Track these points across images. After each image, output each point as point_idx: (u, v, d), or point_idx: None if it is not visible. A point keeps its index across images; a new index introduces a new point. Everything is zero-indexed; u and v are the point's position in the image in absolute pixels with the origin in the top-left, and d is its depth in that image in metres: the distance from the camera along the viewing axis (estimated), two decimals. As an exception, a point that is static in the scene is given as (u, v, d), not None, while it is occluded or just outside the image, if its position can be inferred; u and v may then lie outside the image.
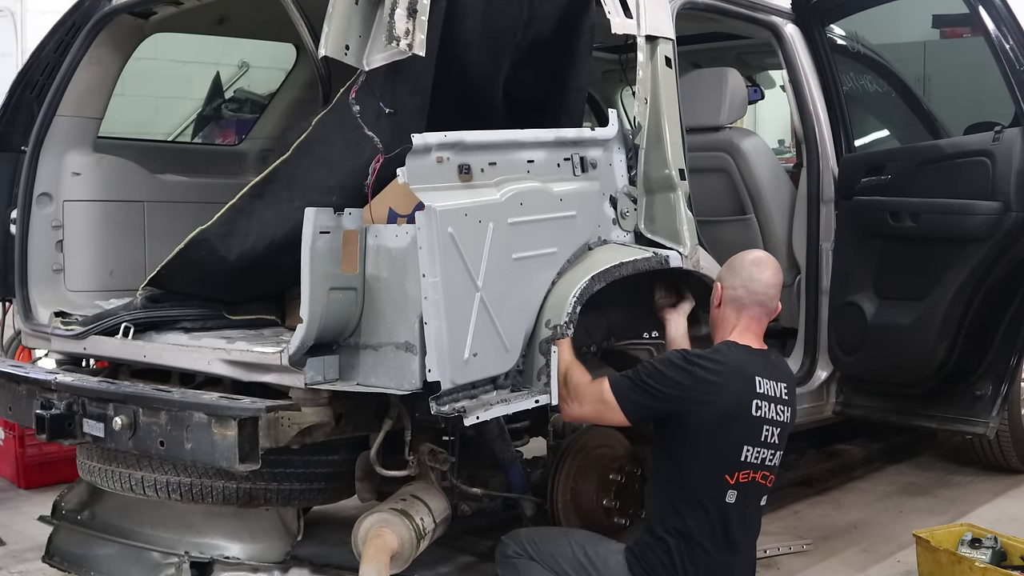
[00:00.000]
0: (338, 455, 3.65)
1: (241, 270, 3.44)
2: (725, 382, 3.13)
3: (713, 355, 3.21)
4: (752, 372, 3.19)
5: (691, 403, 3.10)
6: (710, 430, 3.09)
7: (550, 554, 3.24)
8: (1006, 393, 4.59)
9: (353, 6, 3.18)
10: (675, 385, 3.11)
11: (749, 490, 3.17)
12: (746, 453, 3.14)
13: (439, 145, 3.10)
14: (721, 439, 3.11)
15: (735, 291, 3.30)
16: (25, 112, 4.29)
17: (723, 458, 3.12)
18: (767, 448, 3.19)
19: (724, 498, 3.13)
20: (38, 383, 3.70)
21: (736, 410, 3.12)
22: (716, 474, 3.12)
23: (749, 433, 3.15)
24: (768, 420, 3.18)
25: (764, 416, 3.17)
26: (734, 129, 5.30)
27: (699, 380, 3.11)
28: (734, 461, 3.13)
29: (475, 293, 3.06)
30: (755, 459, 3.16)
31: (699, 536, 3.11)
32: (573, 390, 3.20)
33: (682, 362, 3.15)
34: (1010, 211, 4.18)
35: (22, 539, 4.72)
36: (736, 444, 3.13)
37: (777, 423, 3.21)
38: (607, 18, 3.76)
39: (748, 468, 3.15)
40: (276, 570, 3.67)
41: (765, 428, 3.18)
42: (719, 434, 3.11)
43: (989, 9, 4.39)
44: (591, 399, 3.17)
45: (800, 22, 4.87)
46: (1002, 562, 3.87)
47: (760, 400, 3.17)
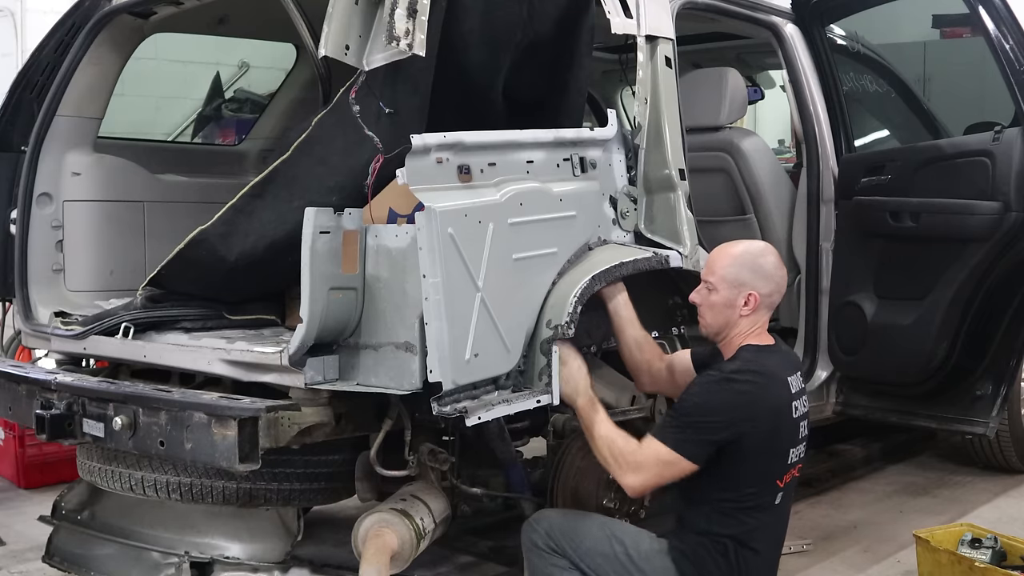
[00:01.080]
0: (338, 455, 3.65)
1: (241, 270, 3.44)
2: (769, 394, 3.09)
3: (748, 367, 3.12)
4: (784, 375, 3.16)
5: (744, 423, 3.03)
6: (764, 444, 3.06)
7: (589, 552, 3.16)
8: (1006, 393, 4.59)
9: (353, 6, 3.18)
10: (726, 411, 3.03)
11: (790, 488, 3.19)
12: (792, 456, 3.15)
13: (438, 146, 3.10)
14: (775, 449, 3.10)
15: (771, 298, 3.24)
16: (25, 112, 4.29)
17: (775, 466, 3.11)
18: (802, 444, 3.20)
19: (775, 501, 3.13)
20: (38, 383, 3.70)
21: (781, 419, 3.10)
22: (770, 482, 3.11)
23: (792, 436, 3.15)
24: (801, 416, 3.17)
25: (799, 414, 3.16)
26: (734, 129, 5.30)
27: (747, 399, 3.05)
28: (783, 466, 3.13)
29: (476, 294, 3.06)
30: (796, 458, 3.17)
31: (755, 539, 3.09)
32: (626, 462, 3.07)
33: (723, 385, 3.07)
34: (1010, 211, 4.18)
35: (22, 539, 4.72)
36: (784, 450, 3.12)
37: (806, 415, 3.21)
38: (607, 18, 3.76)
39: (792, 468, 3.16)
40: (276, 570, 3.67)
41: (801, 425, 3.18)
42: (772, 445, 3.08)
43: (989, 9, 4.39)
44: (650, 464, 3.04)
45: (800, 22, 4.87)
46: (1002, 562, 3.87)
47: (794, 400, 3.15)
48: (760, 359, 3.15)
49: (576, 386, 3.20)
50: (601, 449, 3.12)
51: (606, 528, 3.24)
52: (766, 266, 3.23)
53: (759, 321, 3.23)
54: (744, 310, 3.20)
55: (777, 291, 3.24)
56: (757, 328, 3.23)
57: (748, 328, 3.22)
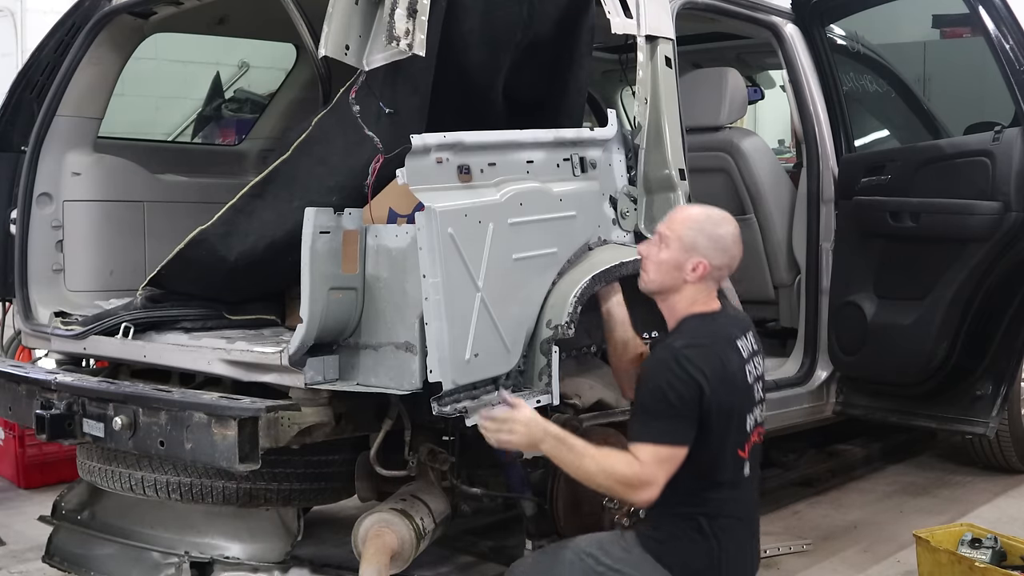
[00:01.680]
0: (338, 455, 3.65)
1: (241, 270, 3.44)
2: (721, 363, 2.96)
3: (696, 340, 3.00)
4: (733, 337, 3.03)
5: (704, 393, 2.92)
6: (722, 414, 2.95)
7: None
8: (1006, 393, 4.59)
9: (353, 6, 3.18)
10: (689, 386, 2.93)
11: (755, 456, 3.11)
12: (749, 422, 3.03)
13: (438, 146, 3.10)
14: (733, 418, 2.98)
15: (720, 271, 3.10)
16: (25, 112, 4.29)
17: (736, 437, 3.01)
18: (759, 407, 3.07)
19: (743, 473, 3.05)
20: (38, 383, 3.70)
21: (736, 387, 2.98)
22: (733, 454, 3.01)
23: (748, 401, 3.03)
24: (756, 378, 3.05)
25: (753, 377, 3.04)
26: (734, 129, 5.30)
27: (701, 371, 2.93)
28: (743, 435, 3.01)
29: (476, 294, 3.06)
30: (754, 422, 3.06)
31: (727, 510, 3.01)
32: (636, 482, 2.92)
33: (678, 363, 2.96)
34: (1010, 211, 4.18)
35: (22, 539, 4.72)
36: (742, 417, 3.00)
37: (759, 377, 3.08)
38: (607, 18, 3.76)
39: (752, 435, 3.05)
40: (276, 570, 3.67)
41: (756, 388, 3.06)
42: (730, 415, 2.97)
43: (989, 9, 4.39)
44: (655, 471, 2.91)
45: (800, 22, 4.87)
46: (1002, 562, 3.87)
47: (747, 364, 3.03)
48: (707, 328, 3.03)
49: (533, 434, 2.94)
50: (601, 481, 2.95)
51: (575, 551, 3.12)
52: (725, 238, 3.09)
53: (705, 291, 3.10)
54: (691, 276, 3.05)
55: (728, 266, 3.10)
56: (702, 297, 3.08)
57: (693, 296, 3.08)
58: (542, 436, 2.93)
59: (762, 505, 5.06)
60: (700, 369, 2.91)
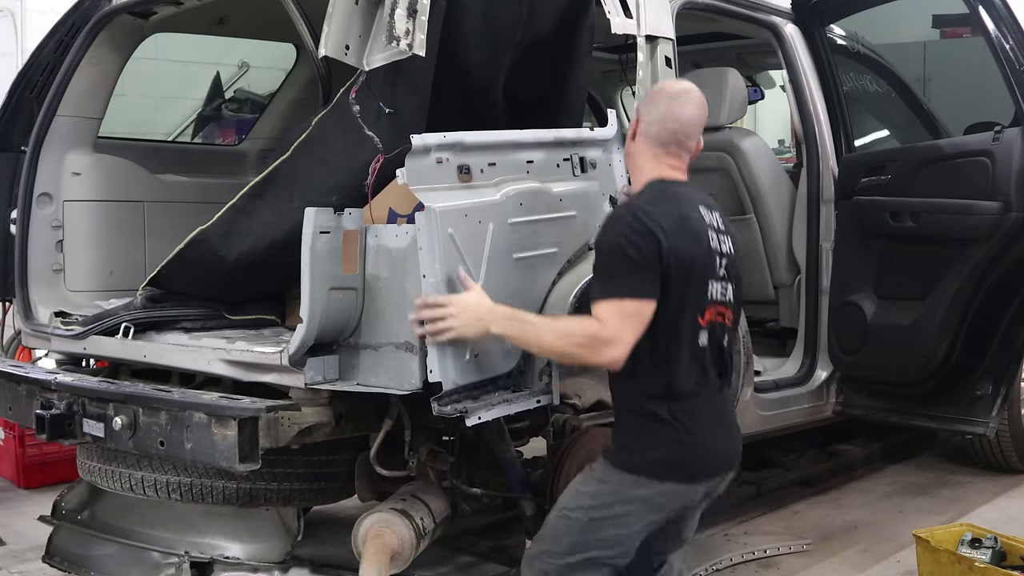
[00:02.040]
0: (338, 455, 3.65)
1: (241, 270, 3.44)
2: (682, 217, 2.87)
3: (655, 195, 2.93)
4: (696, 203, 2.95)
5: (667, 252, 2.81)
6: (684, 269, 2.84)
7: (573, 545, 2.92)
8: (1006, 393, 4.60)
9: (353, 6, 3.18)
10: (648, 235, 2.80)
11: (716, 330, 2.96)
12: (711, 289, 2.92)
13: (438, 146, 3.10)
14: (694, 278, 2.87)
15: (650, 127, 2.99)
16: (25, 112, 4.29)
17: (696, 298, 2.88)
18: (722, 281, 2.96)
19: (698, 342, 2.90)
20: (38, 383, 3.70)
21: (696, 244, 2.88)
22: (691, 318, 2.88)
23: (710, 267, 2.92)
24: (718, 252, 2.96)
25: (716, 248, 2.95)
26: (734, 129, 5.30)
27: (660, 220, 2.82)
28: (703, 299, 2.90)
29: None
30: (718, 295, 2.95)
31: (684, 387, 2.87)
32: (598, 342, 2.79)
33: (636, 215, 2.84)
34: (1010, 211, 4.18)
35: (22, 539, 4.72)
36: (703, 280, 2.89)
37: (724, 254, 2.98)
38: (607, 18, 3.76)
39: (713, 305, 2.93)
40: (276, 570, 3.67)
41: (718, 259, 2.95)
42: (691, 273, 2.86)
43: (989, 9, 4.39)
44: (620, 327, 2.77)
45: (800, 22, 4.88)
46: (1002, 562, 3.87)
47: (710, 231, 2.94)
48: (669, 189, 2.96)
49: (479, 316, 2.89)
50: (563, 348, 2.84)
51: (559, 513, 3.00)
52: (657, 95, 3.06)
53: (648, 155, 3.00)
54: (631, 140, 3.04)
55: (659, 122, 2.98)
56: (663, 166, 2.99)
57: (641, 160, 3.01)
58: (490, 317, 2.89)
59: (762, 505, 5.12)
60: (656, 222, 2.82)
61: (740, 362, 3.13)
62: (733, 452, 3.04)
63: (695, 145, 3.06)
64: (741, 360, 3.10)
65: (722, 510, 5.05)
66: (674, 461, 2.89)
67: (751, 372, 4.26)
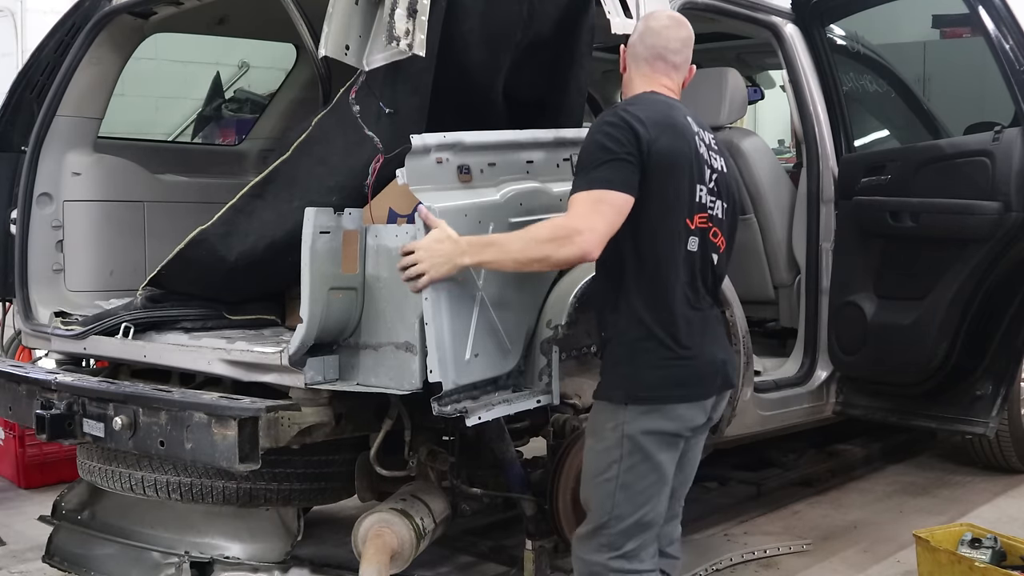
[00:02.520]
0: (338, 455, 3.65)
1: (241, 270, 3.44)
2: (666, 115, 2.85)
3: (638, 100, 2.91)
4: (683, 112, 2.94)
5: (648, 144, 2.75)
6: (667, 167, 2.78)
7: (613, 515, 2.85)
8: (1006, 393, 4.59)
9: (353, 6, 3.18)
10: (628, 128, 2.76)
11: (705, 240, 2.90)
12: (699, 193, 2.87)
13: (438, 146, 3.10)
14: (678, 175, 2.82)
15: (634, 48, 3.02)
16: (25, 112, 4.29)
17: (681, 198, 2.83)
18: (712, 195, 2.92)
19: (687, 245, 2.85)
20: (38, 383, 3.70)
21: (682, 142, 2.84)
22: (678, 220, 2.82)
23: (697, 170, 2.88)
24: (708, 164, 2.93)
25: (704, 156, 2.92)
26: (734, 129, 5.30)
27: (641, 115, 2.79)
28: (692, 201, 2.85)
29: (476, 293, 3.06)
30: (708, 202, 2.90)
31: (673, 294, 2.82)
32: (562, 233, 2.71)
33: (619, 112, 2.81)
34: (1010, 211, 4.18)
35: (22, 539, 4.72)
36: (691, 181, 2.85)
37: (715, 169, 2.96)
38: (607, 18, 3.76)
39: (701, 211, 2.88)
40: (276, 570, 3.67)
41: (707, 170, 2.92)
42: (675, 170, 2.80)
43: (989, 9, 4.39)
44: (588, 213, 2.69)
45: (800, 22, 4.87)
46: (1002, 562, 3.87)
47: (698, 140, 2.91)
48: (657, 98, 2.94)
49: (444, 253, 2.83)
50: (533, 252, 2.75)
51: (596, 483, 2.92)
52: (639, 23, 3.10)
53: (648, 75, 2.99)
54: (623, 71, 3.06)
55: (639, 40, 3.01)
56: (656, 84, 2.99)
57: (643, 84, 3.00)
58: (455, 251, 2.83)
59: (762, 505, 5.12)
60: (636, 117, 2.78)
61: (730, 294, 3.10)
62: (731, 367, 3.02)
63: (685, 65, 3.05)
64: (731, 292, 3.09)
65: (722, 510, 5.06)
66: (677, 378, 2.85)
67: (751, 372, 4.25)
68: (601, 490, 2.90)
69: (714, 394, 2.97)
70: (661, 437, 2.87)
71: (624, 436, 2.86)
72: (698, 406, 2.92)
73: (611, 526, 2.88)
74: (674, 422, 2.87)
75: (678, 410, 2.87)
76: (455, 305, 2.99)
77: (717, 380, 2.97)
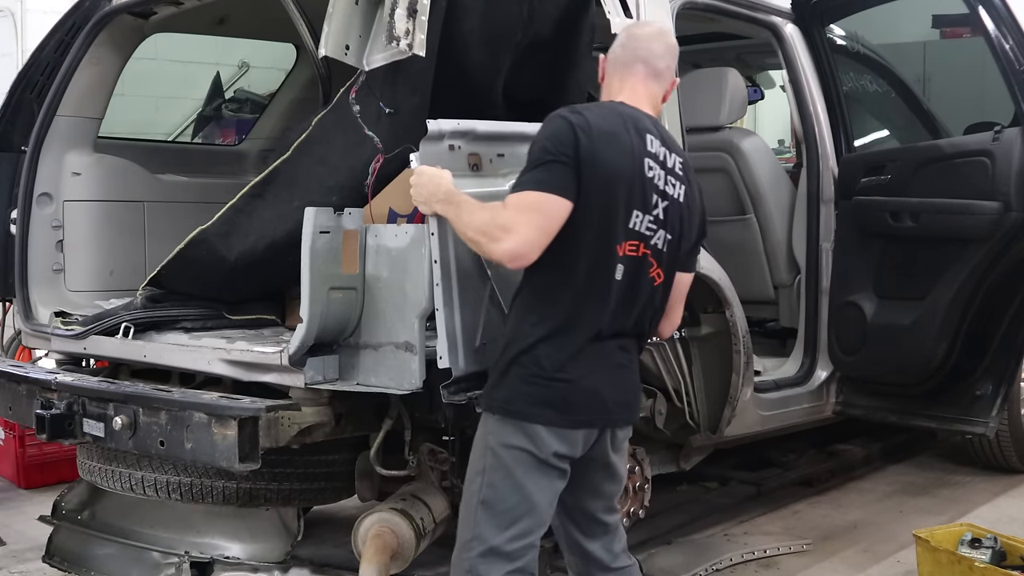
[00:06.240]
0: (338, 455, 3.65)
1: (241, 270, 3.45)
2: (615, 128, 2.68)
3: (595, 107, 2.80)
4: (644, 128, 2.74)
5: (586, 154, 2.62)
6: (603, 182, 2.64)
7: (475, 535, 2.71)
8: (1006, 393, 4.59)
9: (353, 6, 3.18)
10: (569, 133, 2.63)
11: (635, 269, 2.72)
12: (635, 220, 2.69)
13: (452, 132, 3.09)
14: (613, 195, 2.65)
15: (612, 54, 2.90)
16: (25, 112, 4.29)
17: (613, 220, 2.66)
18: (655, 223, 2.73)
19: (612, 273, 2.67)
20: (38, 383, 3.70)
21: (625, 160, 2.67)
22: (605, 242, 2.66)
23: (638, 194, 2.69)
24: (658, 189, 2.73)
25: (655, 182, 2.72)
26: (734, 129, 5.30)
27: (588, 122, 2.65)
28: (623, 226, 2.67)
29: (487, 282, 3.03)
30: (645, 229, 2.71)
31: (571, 317, 2.66)
32: (494, 227, 2.61)
33: (565, 116, 2.68)
34: (1010, 211, 4.18)
35: (22, 539, 4.72)
36: (627, 203, 2.67)
37: (668, 196, 2.75)
38: (607, 18, 3.76)
39: (635, 239, 2.70)
40: (276, 570, 3.68)
41: (655, 197, 2.72)
42: (612, 188, 2.65)
43: (989, 9, 4.39)
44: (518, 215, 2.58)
45: (800, 22, 4.87)
46: (1002, 562, 3.87)
47: (651, 160, 2.72)
48: (611, 106, 2.80)
49: (430, 195, 2.76)
50: (471, 235, 2.66)
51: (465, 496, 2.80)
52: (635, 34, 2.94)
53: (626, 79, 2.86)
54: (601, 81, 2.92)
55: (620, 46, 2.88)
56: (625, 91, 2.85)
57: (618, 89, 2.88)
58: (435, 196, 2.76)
59: (762, 505, 5.12)
60: (582, 125, 2.65)
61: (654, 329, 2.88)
62: (620, 407, 2.78)
63: (668, 74, 2.89)
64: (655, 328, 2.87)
65: (722, 510, 5.06)
66: (541, 397, 2.66)
67: (751, 372, 4.26)
68: (466, 505, 2.77)
69: (587, 427, 2.73)
70: (521, 455, 2.69)
71: (487, 447, 2.74)
72: (563, 434, 2.69)
73: (472, 548, 2.71)
74: (533, 443, 2.68)
75: (537, 431, 2.68)
76: (465, 292, 2.97)
77: (595, 416, 2.73)
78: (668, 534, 4.63)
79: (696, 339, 4.03)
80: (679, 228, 2.81)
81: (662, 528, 4.64)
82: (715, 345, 4.08)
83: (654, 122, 2.83)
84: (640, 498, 3.96)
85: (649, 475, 3.98)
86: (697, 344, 4.05)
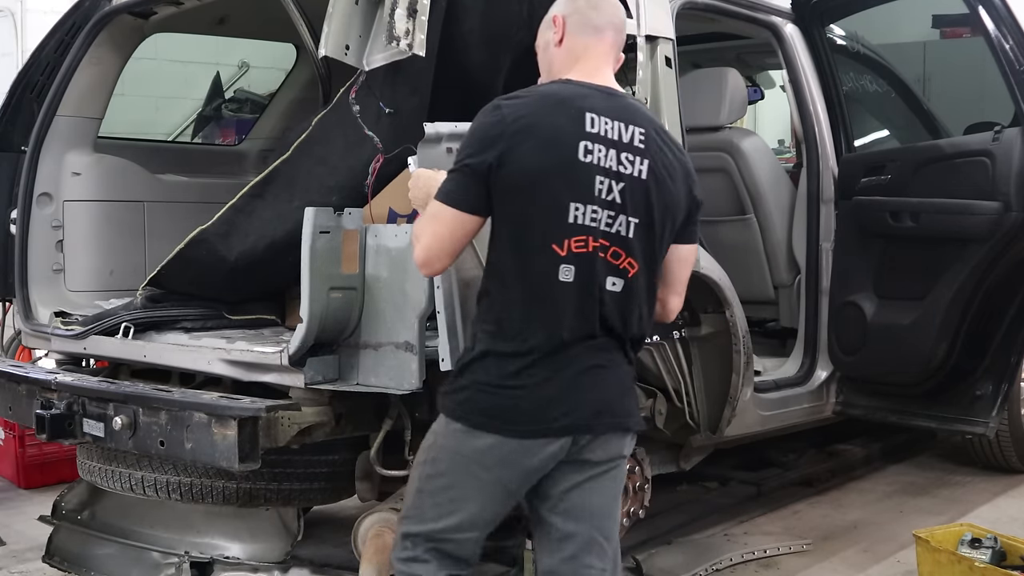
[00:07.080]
0: (338, 455, 3.65)
1: (241, 270, 3.45)
2: (541, 117, 2.48)
3: (524, 93, 2.57)
4: (581, 107, 2.50)
5: (505, 152, 2.45)
6: (526, 182, 2.45)
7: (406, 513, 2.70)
8: (1006, 393, 4.59)
9: (353, 6, 3.18)
10: (481, 132, 2.49)
11: (591, 266, 2.49)
12: (575, 213, 2.47)
13: (449, 135, 3.09)
14: (542, 191, 2.46)
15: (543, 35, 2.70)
16: (25, 112, 4.29)
17: (546, 220, 2.47)
18: (606, 208, 2.49)
19: (557, 275, 2.47)
20: (38, 383, 3.70)
21: (550, 153, 2.46)
22: (541, 245, 2.47)
23: (576, 185, 2.47)
24: (603, 170, 2.49)
25: (596, 163, 2.48)
26: (734, 129, 5.30)
27: (506, 118, 2.47)
28: (561, 224, 2.46)
29: None
30: (590, 221, 2.48)
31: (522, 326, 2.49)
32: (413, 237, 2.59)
33: (488, 111, 2.53)
34: (1010, 211, 4.18)
35: (22, 539, 4.71)
36: (561, 199, 2.46)
37: (623, 176, 2.51)
38: (607, 18, 3.76)
39: (582, 233, 2.47)
40: (276, 570, 3.68)
41: (599, 180, 2.49)
42: (537, 187, 2.46)
43: (989, 9, 4.39)
44: (422, 227, 2.52)
45: (800, 22, 4.87)
46: (1002, 562, 3.87)
47: (590, 142, 2.48)
48: (550, 85, 2.60)
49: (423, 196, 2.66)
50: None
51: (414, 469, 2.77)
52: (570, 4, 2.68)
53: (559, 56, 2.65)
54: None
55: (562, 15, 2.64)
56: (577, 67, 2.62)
57: (552, 68, 2.67)
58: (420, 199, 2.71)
59: (762, 505, 5.12)
60: (496, 123, 2.49)
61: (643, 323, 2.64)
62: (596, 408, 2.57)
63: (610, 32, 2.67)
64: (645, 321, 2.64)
65: (722, 510, 5.06)
66: (488, 404, 2.53)
67: (751, 372, 4.26)
68: (410, 485, 2.76)
69: (540, 437, 2.54)
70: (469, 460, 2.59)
71: (433, 443, 2.66)
72: (513, 443, 2.54)
73: (403, 524, 2.70)
74: (487, 451, 2.55)
75: (484, 438, 2.55)
76: (466, 293, 2.97)
77: (550, 424, 2.54)
78: (668, 534, 4.63)
79: (696, 339, 4.03)
80: (647, 207, 2.55)
81: (662, 528, 4.64)
82: (715, 345, 4.08)
83: (606, 95, 2.59)
84: (640, 498, 3.95)
85: (649, 475, 3.98)
86: (697, 344, 4.05)
